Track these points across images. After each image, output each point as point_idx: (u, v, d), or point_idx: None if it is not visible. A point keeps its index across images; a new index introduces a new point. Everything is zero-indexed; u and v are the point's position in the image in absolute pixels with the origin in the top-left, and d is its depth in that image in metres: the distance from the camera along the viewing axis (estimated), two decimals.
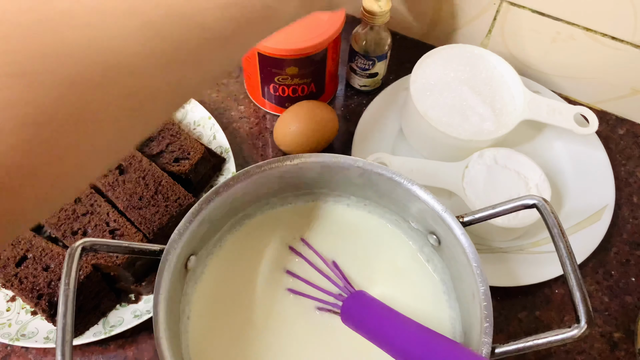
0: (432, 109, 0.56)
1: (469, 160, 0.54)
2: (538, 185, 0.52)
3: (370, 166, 0.44)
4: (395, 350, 0.37)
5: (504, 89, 0.58)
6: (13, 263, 0.49)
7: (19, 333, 0.50)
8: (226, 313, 0.45)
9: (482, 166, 0.54)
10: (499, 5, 0.62)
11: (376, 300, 0.41)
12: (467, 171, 0.54)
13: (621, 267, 0.56)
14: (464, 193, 0.52)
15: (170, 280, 0.40)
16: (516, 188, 0.52)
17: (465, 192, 0.52)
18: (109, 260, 0.48)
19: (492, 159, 0.54)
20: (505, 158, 0.54)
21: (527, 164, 0.54)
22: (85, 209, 0.52)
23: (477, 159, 0.54)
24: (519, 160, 0.54)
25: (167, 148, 0.57)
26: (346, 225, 0.49)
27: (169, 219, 0.52)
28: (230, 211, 0.46)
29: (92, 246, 0.38)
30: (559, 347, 0.52)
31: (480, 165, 0.54)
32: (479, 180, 0.53)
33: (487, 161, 0.54)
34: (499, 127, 0.56)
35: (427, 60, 0.59)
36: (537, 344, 0.37)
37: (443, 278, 0.46)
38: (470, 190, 0.53)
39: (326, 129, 0.59)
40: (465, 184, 0.53)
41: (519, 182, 0.53)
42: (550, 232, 0.40)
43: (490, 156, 0.54)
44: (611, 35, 0.59)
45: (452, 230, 0.42)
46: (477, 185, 0.53)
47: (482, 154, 0.54)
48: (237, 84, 0.68)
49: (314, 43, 0.55)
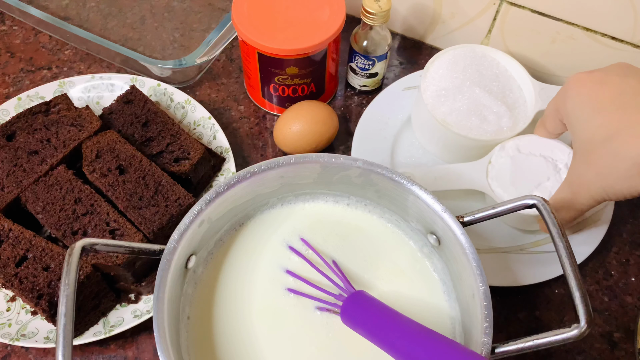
0: (449, 115, 0.56)
1: (491, 155, 0.53)
2: (568, 164, 0.50)
3: (370, 166, 0.44)
4: (395, 350, 0.37)
5: (511, 83, 0.58)
6: (13, 263, 0.49)
7: (19, 333, 0.50)
8: (226, 313, 0.45)
9: (506, 158, 0.52)
10: (499, 5, 0.62)
11: (376, 300, 0.41)
12: (490, 167, 0.52)
13: (621, 267, 0.56)
14: (490, 189, 0.52)
15: (170, 280, 0.40)
16: (545, 172, 0.51)
17: (492, 188, 0.51)
18: (109, 260, 0.48)
19: (514, 149, 0.52)
20: (529, 145, 0.52)
21: (552, 145, 0.51)
22: (85, 209, 0.52)
23: (499, 152, 0.53)
24: (544, 143, 0.52)
25: (167, 148, 0.57)
26: (346, 225, 0.49)
27: (169, 219, 0.52)
28: (230, 211, 0.46)
29: (92, 246, 0.38)
30: (559, 347, 0.52)
31: (504, 158, 0.52)
32: (504, 173, 0.52)
33: (510, 152, 0.52)
34: (517, 122, 0.55)
35: (432, 66, 0.58)
36: (537, 344, 0.37)
37: (443, 278, 0.46)
38: (497, 185, 0.51)
39: (326, 129, 0.59)
40: (491, 180, 0.52)
41: (547, 165, 0.51)
42: (550, 232, 0.40)
43: (513, 146, 0.53)
44: (611, 35, 0.59)
45: (452, 230, 0.42)
46: (504, 178, 0.51)
47: (504, 146, 0.53)
48: (237, 84, 0.68)
49: (314, 43, 0.55)
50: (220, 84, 0.68)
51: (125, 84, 0.64)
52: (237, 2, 0.57)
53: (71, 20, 0.73)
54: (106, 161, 0.54)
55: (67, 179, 0.53)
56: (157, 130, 0.58)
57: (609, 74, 0.45)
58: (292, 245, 0.47)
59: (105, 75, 0.65)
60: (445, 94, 0.56)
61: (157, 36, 0.72)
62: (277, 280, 0.46)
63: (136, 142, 0.57)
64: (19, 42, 0.72)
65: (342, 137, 0.64)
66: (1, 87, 0.68)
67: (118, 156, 0.54)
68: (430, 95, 0.57)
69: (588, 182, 0.44)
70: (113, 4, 0.75)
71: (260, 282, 0.46)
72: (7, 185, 0.53)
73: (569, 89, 0.47)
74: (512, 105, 0.57)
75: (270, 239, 0.48)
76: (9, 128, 0.56)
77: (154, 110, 0.59)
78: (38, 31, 0.73)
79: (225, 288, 0.46)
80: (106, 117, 0.59)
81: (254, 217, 0.49)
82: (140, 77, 0.64)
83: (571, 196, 0.46)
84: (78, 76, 0.64)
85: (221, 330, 0.44)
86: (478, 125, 0.55)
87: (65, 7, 0.75)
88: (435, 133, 0.57)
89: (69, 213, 0.51)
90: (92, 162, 0.54)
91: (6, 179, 0.54)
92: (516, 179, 0.51)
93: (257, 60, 0.58)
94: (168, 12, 0.74)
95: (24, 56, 0.70)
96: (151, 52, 0.71)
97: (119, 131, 0.58)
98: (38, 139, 0.56)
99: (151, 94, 0.64)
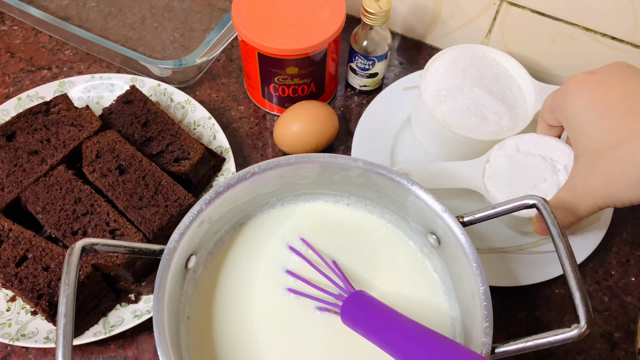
0: (449, 115, 0.56)
1: (490, 154, 0.52)
2: (567, 166, 0.49)
3: (370, 166, 0.44)
4: (395, 350, 0.37)
5: (511, 82, 0.58)
6: (13, 263, 0.49)
7: (19, 333, 0.50)
8: (226, 313, 0.45)
9: (504, 157, 0.51)
10: (499, 5, 0.62)
11: (376, 300, 0.41)
12: (488, 165, 0.52)
13: (621, 267, 0.56)
14: (484, 189, 0.51)
15: (170, 280, 0.40)
16: (542, 174, 0.49)
17: (487, 188, 0.51)
18: (109, 260, 0.48)
19: (513, 148, 0.51)
20: (529, 144, 0.51)
21: (552, 145, 0.50)
22: (85, 209, 0.52)
23: (497, 151, 0.52)
24: (544, 143, 0.50)
25: (167, 148, 0.57)
26: (346, 225, 0.49)
27: (169, 219, 0.52)
28: (230, 211, 0.46)
29: (92, 246, 0.38)
30: (559, 347, 0.52)
31: (502, 157, 0.51)
32: (500, 173, 0.51)
33: (508, 151, 0.51)
34: (517, 122, 0.55)
35: (432, 66, 0.58)
36: (537, 344, 0.37)
37: (443, 278, 0.46)
38: (491, 185, 0.51)
39: (326, 129, 0.59)
40: (486, 180, 0.51)
41: (545, 166, 0.50)
42: (550, 232, 0.40)
43: (512, 145, 0.51)
44: (611, 35, 0.59)
45: (452, 230, 0.42)
46: (499, 178, 0.51)
47: (503, 144, 0.52)
48: (237, 84, 0.68)
49: (314, 43, 0.55)
50: (220, 84, 0.68)
51: (125, 84, 0.64)
52: (237, 2, 0.57)
53: (71, 20, 0.73)
54: (106, 161, 0.54)
55: (67, 179, 0.53)
56: (157, 130, 0.58)
57: (611, 75, 0.43)
58: (292, 245, 0.47)
59: (105, 75, 0.65)
60: (445, 94, 0.56)
61: (157, 36, 0.72)
62: (277, 280, 0.46)
63: (136, 142, 0.57)
64: (19, 42, 0.72)
65: (342, 137, 0.64)
66: (1, 87, 0.68)
67: (118, 156, 0.54)
68: (430, 95, 0.57)
69: (593, 189, 0.43)
70: (113, 4, 0.75)
71: (260, 282, 0.46)
72: (7, 185, 0.53)
73: (568, 91, 0.45)
74: (512, 105, 0.57)
75: (270, 239, 0.48)
76: (9, 128, 0.56)
77: (154, 110, 0.59)
78: (38, 31, 0.73)
79: (225, 288, 0.46)
80: (106, 117, 0.59)
81: (254, 217, 0.49)
82: (140, 77, 0.64)
83: (573, 201, 0.44)
84: (78, 76, 0.64)
85: (221, 330, 0.44)
86: (478, 125, 0.55)
87: (65, 7, 0.75)
88: (435, 133, 0.57)
89: (69, 213, 0.51)
90: (92, 162, 0.54)
91: (6, 179, 0.54)
92: (512, 179, 0.50)
93: (257, 60, 0.58)
94: (168, 12, 0.74)
95: (24, 56, 0.70)
96: (151, 52, 0.71)
97: (119, 131, 0.58)
98: (38, 139, 0.56)
99: (151, 94, 0.64)
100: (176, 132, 0.58)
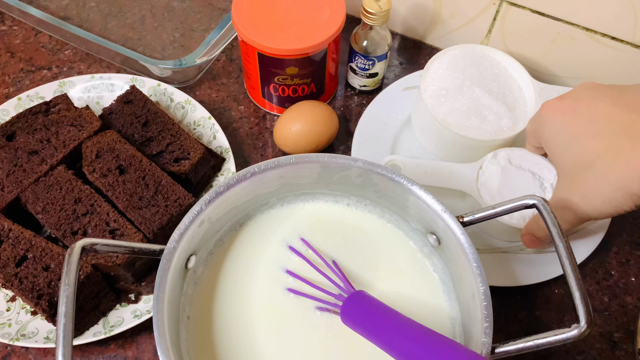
0: (449, 115, 0.56)
1: (483, 161, 0.53)
2: (553, 185, 0.51)
3: (370, 166, 0.44)
4: (395, 350, 0.37)
5: (511, 82, 0.58)
6: (13, 263, 0.49)
7: (19, 333, 0.50)
8: (226, 313, 0.45)
9: (497, 167, 0.53)
10: (499, 5, 0.62)
11: (376, 300, 0.41)
12: (481, 172, 0.53)
13: (621, 267, 0.56)
14: (478, 194, 0.52)
15: (170, 280, 0.40)
16: (531, 189, 0.51)
17: (480, 194, 0.52)
18: (108, 260, 0.48)
19: (506, 160, 0.53)
20: (519, 158, 0.53)
21: (541, 164, 0.52)
22: (85, 209, 0.52)
23: (491, 160, 0.53)
24: (533, 160, 0.52)
25: (167, 148, 0.57)
26: (346, 225, 0.49)
27: (169, 219, 0.52)
28: (230, 211, 0.46)
29: (92, 246, 0.38)
30: (558, 347, 0.52)
31: (495, 166, 0.53)
32: (493, 181, 0.52)
33: (501, 162, 0.53)
34: (517, 122, 0.56)
35: (432, 66, 0.58)
36: (537, 344, 0.37)
37: (443, 278, 0.46)
38: (485, 192, 0.52)
39: (326, 129, 0.59)
40: (480, 185, 0.52)
41: (534, 182, 0.51)
42: (550, 232, 0.40)
43: (504, 156, 0.53)
44: (611, 35, 0.59)
45: (452, 230, 0.42)
46: (492, 186, 0.52)
47: (496, 154, 0.53)
48: (237, 84, 0.68)
49: (314, 43, 0.55)
50: (220, 84, 0.68)
51: (125, 84, 0.64)
52: (237, 2, 0.57)
53: (71, 20, 0.73)
54: (106, 161, 0.54)
55: (67, 179, 0.53)
56: (157, 130, 0.58)
57: (579, 99, 0.46)
58: (292, 245, 0.47)
59: (105, 75, 0.65)
60: (445, 94, 0.56)
61: (157, 36, 0.72)
62: (277, 280, 0.46)
63: (136, 142, 0.57)
64: (19, 42, 0.72)
65: (342, 137, 0.64)
66: (1, 87, 0.68)
67: (118, 156, 0.54)
68: (430, 95, 0.57)
69: (574, 204, 0.46)
70: (113, 4, 0.75)
71: (260, 282, 0.46)
72: (7, 185, 0.53)
73: (542, 117, 0.48)
74: (512, 105, 0.57)
75: (270, 239, 0.48)
76: (9, 128, 0.56)
77: (154, 110, 0.59)
78: (38, 31, 0.73)
79: (225, 288, 0.46)
80: (106, 117, 0.59)
81: (254, 217, 0.49)
82: (140, 77, 0.64)
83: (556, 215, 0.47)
84: (78, 76, 0.64)
85: (221, 330, 0.44)
86: (478, 125, 0.55)
87: (65, 7, 0.75)
88: (435, 133, 0.57)
89: (69, 213, 0.51)
90: (92, 162, 0.54)
91: (6, 179, 0.54)
92: (503, 189, 0.52)
93: (257, 60, 0.58)
94: (168, 12, 0.74)
95: (24, 56, 0.70)
96: (151, 52, 0.71)
97: (119, 131, 0.58)
98: (38, 139, 0.56)
99: (151, 94, 0.64)
100: (176, 132, 0.58)
